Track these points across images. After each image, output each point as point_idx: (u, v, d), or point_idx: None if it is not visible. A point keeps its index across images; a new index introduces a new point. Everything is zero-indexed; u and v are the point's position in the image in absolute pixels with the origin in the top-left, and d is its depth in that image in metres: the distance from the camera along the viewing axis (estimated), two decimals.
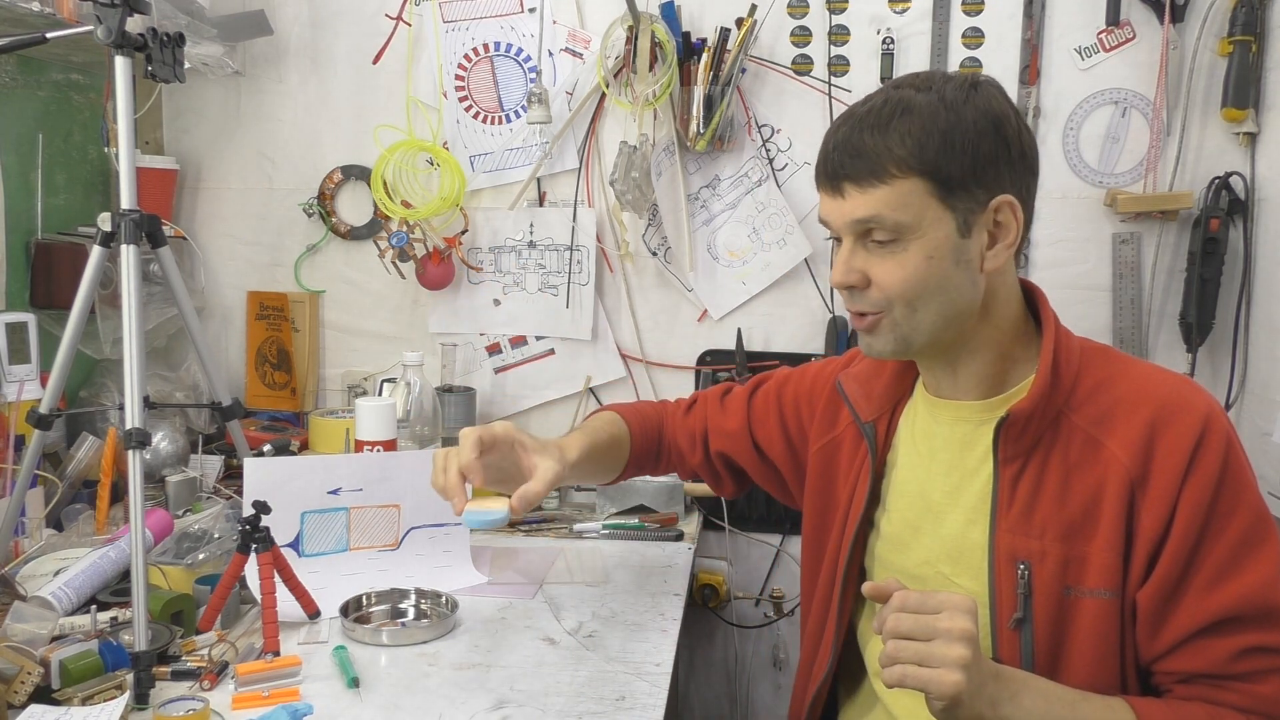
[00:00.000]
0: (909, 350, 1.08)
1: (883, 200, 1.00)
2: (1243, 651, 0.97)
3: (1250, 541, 0.99)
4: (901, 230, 1.01)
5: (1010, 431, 1.05)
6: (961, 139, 1.00)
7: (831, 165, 1.04)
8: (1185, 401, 1.02)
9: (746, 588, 2.00)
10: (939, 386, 1.14)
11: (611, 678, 1.22)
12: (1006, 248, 1.04)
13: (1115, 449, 1.02)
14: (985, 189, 1.02)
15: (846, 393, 1.24)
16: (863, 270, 1.04)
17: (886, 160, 1.00)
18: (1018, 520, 1.04)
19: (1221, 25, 1.75)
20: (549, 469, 1.20)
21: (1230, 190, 1.75)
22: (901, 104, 1.01)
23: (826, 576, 1.23)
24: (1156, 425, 1.01)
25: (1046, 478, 1.04)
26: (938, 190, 1.00)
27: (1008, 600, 1.04)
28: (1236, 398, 1.77)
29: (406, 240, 1.91)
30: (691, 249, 1.95)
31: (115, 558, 1.37)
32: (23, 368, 1.61)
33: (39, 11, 1.54)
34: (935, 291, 1.03)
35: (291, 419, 2.07)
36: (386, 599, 1.42)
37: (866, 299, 1.05)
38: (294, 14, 2.02)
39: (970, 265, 1.03)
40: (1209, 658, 0.98)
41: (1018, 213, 1.04)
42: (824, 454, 1.26)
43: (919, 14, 1.85)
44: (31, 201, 1.82)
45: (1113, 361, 1.09)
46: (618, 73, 1.90)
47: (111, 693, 1.10)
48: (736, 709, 2.05)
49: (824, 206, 1.07)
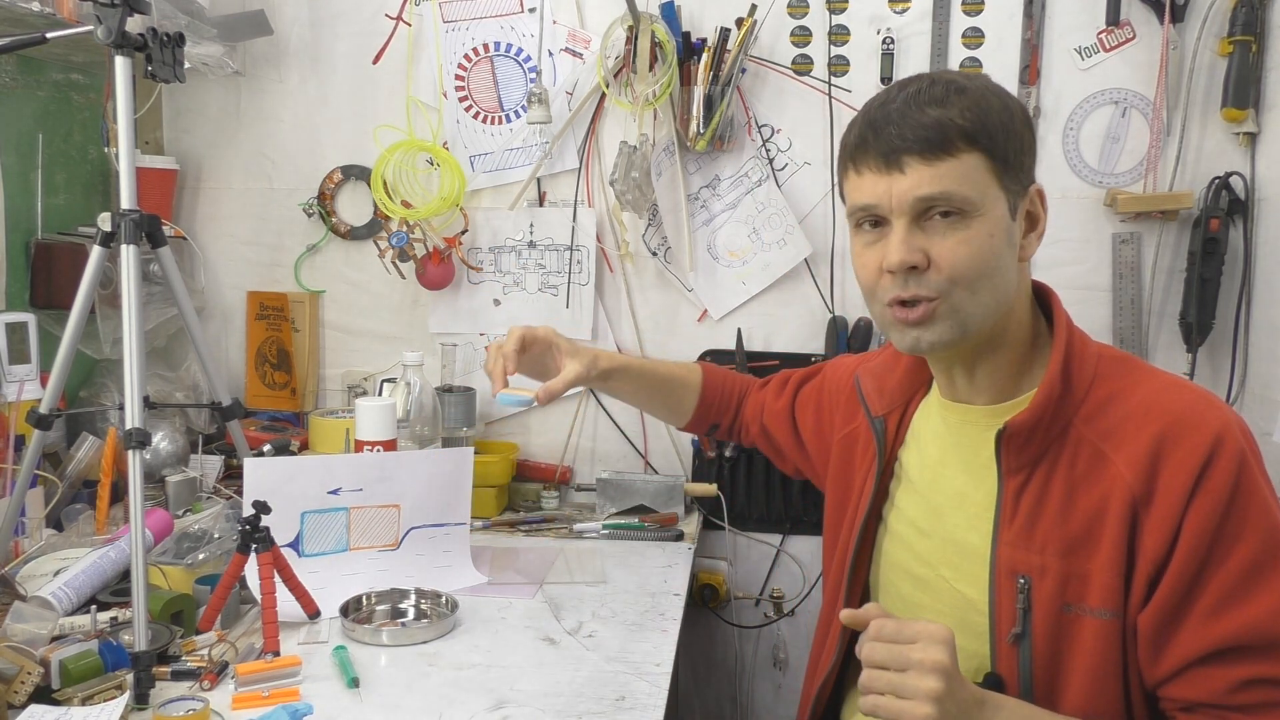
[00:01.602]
0: (964, 339, 1.02)
1: (950, 174, 0.97)
2: (1244, 683, 0.93)
3: (1260, 566, 0.94)
4: (968, 206, 0.97)
5: (1012, 443, 1.03)
6: (1010, 122, 1.00)
7: (888, 140, 0.98)
8: (1198, 418, 0.97)
9: (746, 588, 2.00)
10: (954, 389, 1.12)
11: (611, 678, 1.22)
12: (1037, 237, 1.04)
13: (1121, 466, 0.98)
14: (1026, 175, 1.02)
15: (862, 387, 1.24)
16: (924, 250, 0.99)
17: (953, 133, 0.97)
18: (1019, 533, 1.02)
19: (1221, 25, 1.75)
20: (573, 369, 1.35)
21: (1230, 190, 1.75)
22: (954, 85, 1.00)
23: (837, 568, 1.23)
24: (1164, 442, 0.96)
25: (1051, 491, 1.01)
26: (996, 168, 0.99)
27: (1007, 614, 1.02)
28: (1236, 398, 1.77)
29: (406, 240, 1.90)
30: (691, 249, 1.95)
31: (115, 558, 1.37)
32: (23, 368, 1.61)
33: (39, 11, 1.54)
34: (994, 273, 0.99)
35: (291, 419, 2.07)
36: (386, 599, 1.42)
37: (925, 282, 0.99)
38: (294, 14, 2.02)
39: (1015, 251, 1.02)
40: (1209, 688, 0.94)
41: (1045, 203, 1.05)
42: (845, 444, 1.27)
43: (919, 14, 1.85)
44: (31, 201, 1.82)
45: (1131, 372, 1.04)
46: (618, 73, 1.90)
47: (111, 693, 1.11)
48: (736, 709, 2.05)
49: (870, 188, 1.01)
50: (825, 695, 1.22)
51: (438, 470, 1.53)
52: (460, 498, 1.55)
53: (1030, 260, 1.06)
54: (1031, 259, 1.06)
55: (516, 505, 1.96)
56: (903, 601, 1.15)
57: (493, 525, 1.83)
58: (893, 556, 1.17)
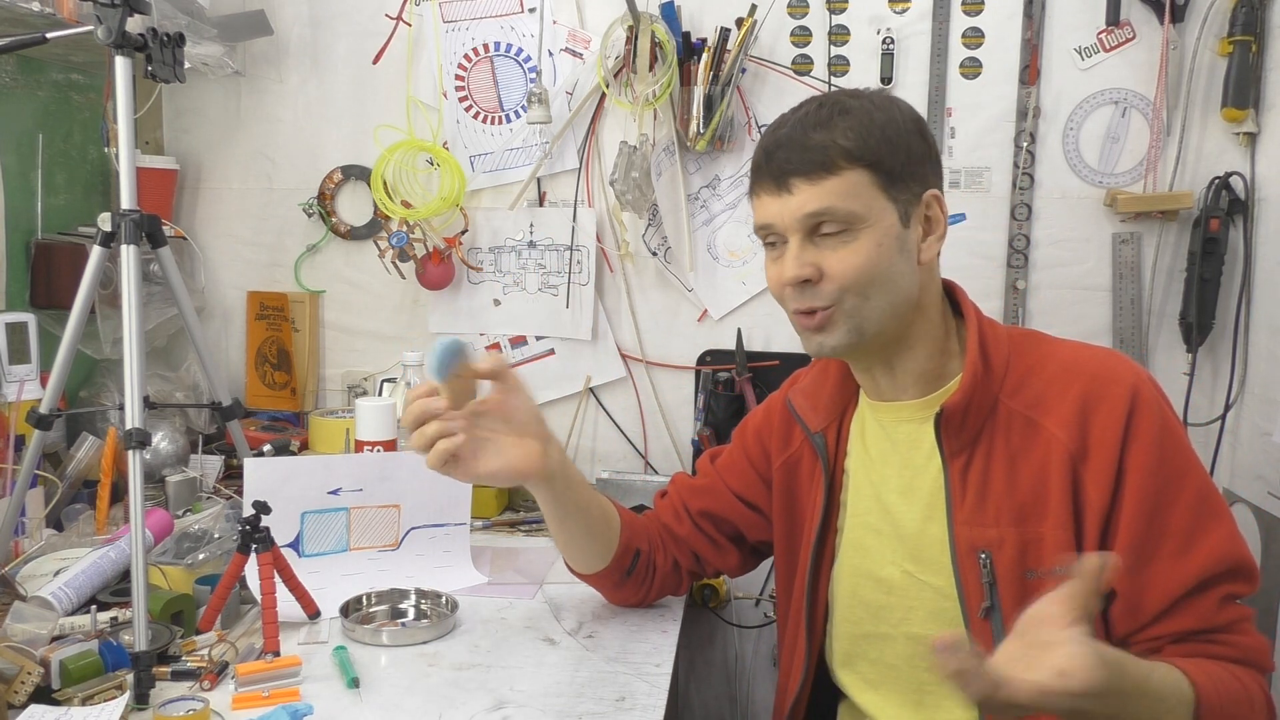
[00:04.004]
0: (861, 341, 1.09)
1: (833, 191, 1.05)
2: (1222, 600, 1.00)
3: (1206, 498, 1.03)
4: (853, 219, 1.05)
5: (950, 425, 1.08)
6: (896, 135, 1.06)
7: (777, 163, 1.07)
8: (1112, 373, 1.05)
9: (746, 588, 2.00)
10: (879, 389, 1.17)
11: (611, 678, 1.22)
12: (938, 240, 1.11)
13: (1053, 428, 1.05)
14: (918, 183, 1.08)
15: (795, 407, 1.27)
16: (815, 264, 1.07)
17: (834, 153, 1.05)
18: (972, 511, 1.07)
19: (1221, 25, 1.75)
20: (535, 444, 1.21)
21: (1230, 190, 1.75)
22: (838, 106, 1.08)
23: (798, 590, 1.24)
24: (1088, 399, 1.04)
25: (994, 466, 1.07)
26: (881, 181, 1.06)
27: (974, 591, 1.06)
28: (1236, 398, 1.77)
29: (406, 240, 1.90)
30: (691, 249, 1.95)
31: (115, 558, 1.37)
32: (23, 368, 1.61)
33: (39, 11, 1.54)
34: (885, 279, 1.06)
35: (291, 419, 2.07)
36: (386, 599, 1.42)
37: (819, 293, 1.07)
38: (294, 14, 2.02)
39: (910, 256, 1.08)
40: (1198, 614, 1.00)
41: (944, 207, 1.11)
42: (786, 470, 1.28)
43: (919, 14, 1.85)
44: (31, 201, 1.82)
45: (1042, 344, 1.13)
46: (618, 73, 1.90)
47: (111, 693, 1.10)
48: (736, 709, 2.05)
49: (766, 209, 1.10)
50: (799, 712, 1.25)
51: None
52: (460, 498, 1.55)
53: (934, 261, 1.12)
54: (936, 258, 1.12)
55: (516, 505, 1.96)
56: (866, 609, 1.17)
57: (493, 525, 1.83)
58: (853, 564, 1.19)
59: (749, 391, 1.92)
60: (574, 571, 1.38)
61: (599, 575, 1.34)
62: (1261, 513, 1.63)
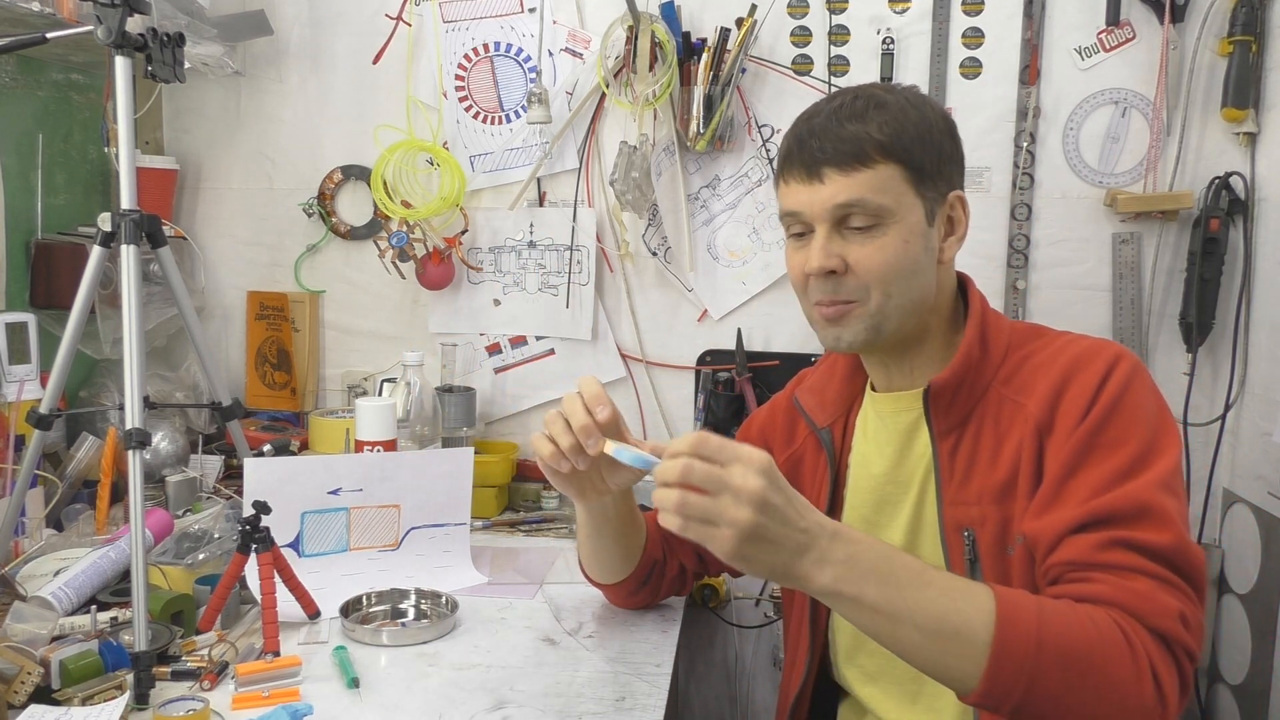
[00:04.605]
0: (877, 339, 1.09)
1: (865, 184, 1.05)
2: (1110, 543, 0.94)
3: (1138, 460, 0.97)
4: (882, 214, 1.05)
5: (938, 404, 1.09)
6: (928, 133, 1.07)
7: (810, 152, 1.06)
8: (1094, 353, 1.05)
9: (746, 588, 1.99)
10: (890, 381, 1.17)
11: (611, 678, 1.22)
12: (958, 241, 1.11)
13: (1031, 407, 1.05)
14: (945, 182, 1.09)
15: (802, 404, 1.27)
16: (841, 256, 1.06)
17: (868, 145, 1.04)
18: (958, 490, 1.08)
19: (1221, 25, 1.75)
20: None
21: (1230, 190, 1.75)
22: (874, 99, 1.07)
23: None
24: (1067, 377, 1.04)
25: (980, 447, 1.08)
26: (911, 177, 1.06)
27: (958, 568, 1.07)
28: (1236, 398, 1.77)
29: (406, 240, 1.91)
30: (691, 249, 1.95)
31: (115, 558, 1.37)
32: (23, 368, 1.61)
33: (39, 11, 1.54)
34: (909, 276, 1.07)
35: (291, 419, 2.07)
36: (386, 599, 1.42)
37: (844, 286, 1.07)
38: (294, 14, 2.02)
39: (932, 255, 1.09)
40: (1076, 549, 0.95)
41: (967, 209, 1.12)
42: (788, 467, 1.27)
43: (919, 14, 1.85)
44: (31, 201, 1.82)
45: (1041, 335, 1.13)
46: (618, 73, 1.90)
47: (111, 693, 1.11)
48: (736, 709, 2.05)
49: (795, 196, 1.09)
50: (802, 709, 1.25)
51: (438, 470, 1.53)
52: (460, 498, 1.55)
53: (952, 262, 1.13)
54: (953, 260, 1.13)
55: (516, 505, 1.96)
56: None
57: (493, 525, 1.83)
58: None
59: (749, 391, 1.92)
60: (590, 579, 1.39)
61: (616, 585, 1.36)
62: (1261, 513, 1.63)
